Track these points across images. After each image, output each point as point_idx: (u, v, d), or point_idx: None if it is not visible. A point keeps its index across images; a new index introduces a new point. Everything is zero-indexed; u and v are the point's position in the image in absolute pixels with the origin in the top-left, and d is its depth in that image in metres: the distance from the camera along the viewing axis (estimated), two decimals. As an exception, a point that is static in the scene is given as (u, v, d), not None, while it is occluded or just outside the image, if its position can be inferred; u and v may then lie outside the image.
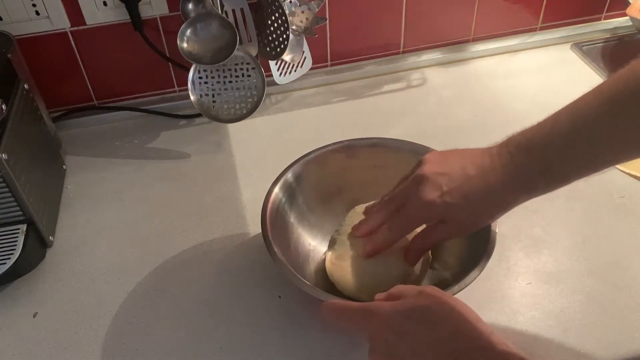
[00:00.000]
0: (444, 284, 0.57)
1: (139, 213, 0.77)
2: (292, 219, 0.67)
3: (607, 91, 0.47)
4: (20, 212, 0.68)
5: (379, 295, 0.50)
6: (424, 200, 0.54)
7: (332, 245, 0.64)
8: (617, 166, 0.79)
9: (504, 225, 0.71)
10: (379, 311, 0.46)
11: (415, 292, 0.47)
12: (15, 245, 0.67)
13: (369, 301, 0.48)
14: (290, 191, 0.67)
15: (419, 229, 0.59)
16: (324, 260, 0.64)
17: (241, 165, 0.84)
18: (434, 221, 0.56)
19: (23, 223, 0.69)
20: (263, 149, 0.86)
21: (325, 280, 0.63)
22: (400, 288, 0.49)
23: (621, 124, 0.46)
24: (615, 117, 0.46)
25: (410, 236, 0.59)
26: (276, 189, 0.65)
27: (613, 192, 0.76)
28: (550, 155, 0.49)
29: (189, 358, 0.60)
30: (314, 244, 0.68)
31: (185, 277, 0.68)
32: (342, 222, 0.65)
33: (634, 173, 0.78)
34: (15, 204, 0.67)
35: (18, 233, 0.68)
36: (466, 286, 0.54)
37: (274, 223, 0.62)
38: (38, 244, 0.70)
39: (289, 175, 0.67)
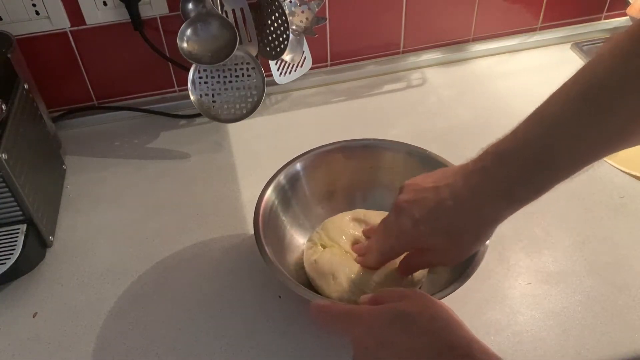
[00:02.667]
0: (439, 286, 0.57)
1: (139, 213, 0.77)
2: (286, 220, 0.67)
3: (572, 89, 0.45)
4: (20, 212, 0.68)
5: (363, 298, 0.50)
6: (400, 231, 0.54)
7: (311, 250, 0.64)
8: (617, 166, 0.79)
9: (504, 226, 0.71)
10: (361, 316, 0.46)
11: (398, 297, 0.46)
12: (15, 245, 0.67)
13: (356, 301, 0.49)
14: (283, 193, 0.67)
15: None
16: None
17: (241, 165, 0.84)
18: (416, 248, 0.55)
19: (23, 223, 0.69)
20: (263, 149, 0.86)
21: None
22: (384, 293, 0.49)
23: (593, 121, 0.43)
24: (585, 114, 0.43)
25: None
26: (269, 191, 0.65)
27: (613, 192, 0.76)
28: (526, 165, 0.46)
29: (189, 358, 0.60)
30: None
31: (185, 277, 0.68)
32: (319, 230, 0.66)
33: (634, 173, 0.78)
34: (15, 204, 0.67)
35: (18, 233, 0.68)
36: (450, 293, 0.54)
37: (267, 225, 0.62)
38: (38, 244, 0.70)
39: (282, 177, 0.67)
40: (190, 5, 0.80)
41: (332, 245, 0.64)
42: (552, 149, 0.45)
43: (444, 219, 0.51)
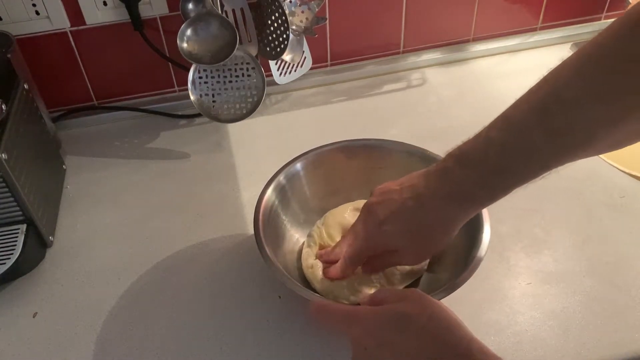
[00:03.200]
0: (438, 286, 0.57)
1: (139, 213, 0.77)
2: (286, 220, 0.67)
3: (534, 98, 0.45)
4: (20, 212, 0.68)
5: (362, 298, 0.51)
6: (365, 232, 0.55)
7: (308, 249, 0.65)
8: (617, 166, 0.79)
9: (504, 226, 0.71)
10: (360, 317, 0.46)
11: (397, 298, 0.47)
12: (15, 245, 0.67)
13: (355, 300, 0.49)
14: (283, 193, 0.67)
15: None
16: None
17: (241, 165, 0.84)
18: (382, 250, 0.56)
19: (23, 223, 0.69)
20: (263, 149, 0.86)
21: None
22: (382, 293, 0.49)
23: (552, 131, 0.43)
24: (545, 124, 0.44)
25: None
26: (269, 191, 0.65)
27: (613, 192, 0.76)
28: (486, 168, 0.47)
29: (189, 358, 0.60)
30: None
31: (185, 276, 0.68)
32: (318, 225, 0.67)
33: (634, 173, 0.78)
34: (15, 204, 0.67)
35: (18, 233, 0.68)
36: (450, 293, 0.54)
37: (267, 224, 0.63)
38: (38, 244, 0.70)
39: (282, 177, 0.67)
40: (190, 5, 0.80)
41: (329, 245, 0.64)
42: (511, 155, 0.46)
43: (406, 219, 0.52)
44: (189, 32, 0.78)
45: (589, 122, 0.42)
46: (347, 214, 0.67)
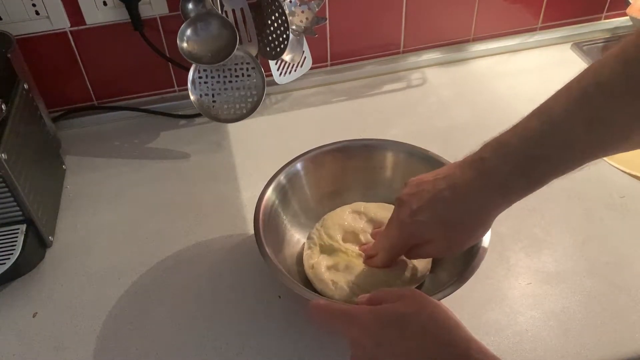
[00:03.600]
0: (438, 286, 0.57)
1: (139, 213, 0.77)
2: (286, 220, 0.67)
3: (575, 88, 0.45)
4: (19, 212, 0.68)
5: (361, 298, 0.51)
6: (397, 222, 0.55)
7: (310, 250, 0.65)
8: (617, 166, 0.79)
9: (504, 226, 0.71)
10: (359, 317, 0.46)
11: (395, 297, 0.47)
12: (15, 245, 0.67)
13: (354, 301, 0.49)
14: (283, 192, 0.67)
15: None
16: None
17: (241, 165, 0.84)
18: (417, 242, 0.56)
19: (23, 223, 0.69)
20: (263, 149, 0.86)
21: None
22: (381, 293, 0.49)
23: (592, 121, 0.44)
24: (585, 114, 0.44)
25: None
26: (269, 191, 0.65)
27: (613, 192, 0.76)
28: (523, 157, 0.47)
29: (189, 358, 0.60)
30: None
31: (185, 277, 0.68)
32: (317, 227, 0.67)
33: (634, 173, 0.78)
34: (15, 204, 0.67)
35: (18, 233, 0.68)
36: (450, 294, 0.54)
37: (268, 224, 0.63)
38: (38, 244, 0.70)
39: (282, 177, 0.67)
40: (190, 5, 0.80)
41: (331, 245, 0.64)
42: (549, 145, 0.45)
43: (440, 210, 0.52)
44: (189, 32, 0.78)
45: (628, 115, 0.42)
46: (346, 215, 0.67)
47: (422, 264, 0.62)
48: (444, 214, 0.52)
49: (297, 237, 0.68)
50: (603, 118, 0.43)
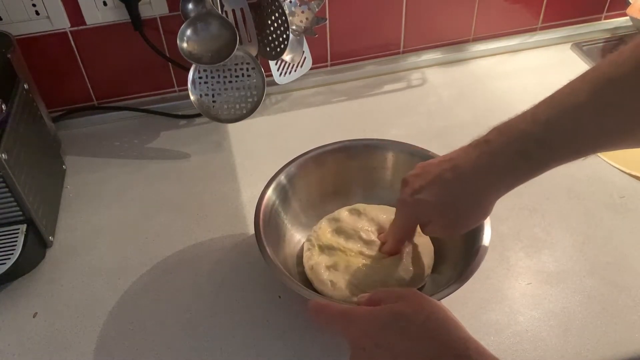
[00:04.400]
0: (438, 286, 0.57)
1: (139, 213, 0.77)
2: (286, 220, 0.67)
3: (589, 77, 0.45)
4: (20, 212, 0.68)
5: (360, 298, 0.51)
6: (400, 201, 0.56)
7: (310, 251, 0.65)
8: (617, 166, 0.79)
9: (504, 225, 0.72)
10: (358, 317, 0.46)
11: (394, 298, 0.47)
12: (15, 245, 0.67)
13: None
14: (283, 192, 0.67)
15: None
16: None
17: (241, 165, 0.84)
18: (418, 221, 0.57)
19: (23, 223, 0.69)
20: (263, 149, 0.86)
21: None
22: (380, 293, 0.49)
23: (600, 113, 0.44)
24: (594, 106, 0.44)
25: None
26: (269, 191, 0.65)
27: (613, 192, 0.76)
28: (529, 139, 0.47)
29: (189, 358, 0.60)
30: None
31: (185, 277, 0.68)
32: (315, 229, 0.67)
33: (634, 173, 0.78)
34: (15, 204, 0.67)
35: (18, 233, 0.68)
36: (450, 293, 0.54)
37: (268, 224, 0.63)
38: (38, 244, 0.70)
39: (282, 177, 0.67)
40: (190, 5, 0.80)
41: (330, 245, 0.64)
42: (556, 130, 0.46)
43: (441, 190, 0.52)
44: (189, 32, 0.78)
45: (637, 108, 0.43)
46: (346, 216, 0.67)
47: (422, 266, 0.62)
48: (445, 195, 0.52)
49: (297, 237, 0.68)
50: (612, 107, 0.43)
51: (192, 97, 0.81)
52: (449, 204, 0.53)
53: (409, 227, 0.58)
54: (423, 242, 0.64)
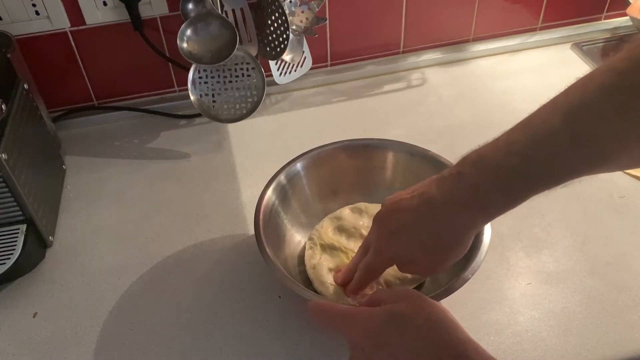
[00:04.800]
0: (438, 286, 0.57)
1: (139, 213, 0.77)
2: (286, 220, 0.67)
3: (562, 103, 0.43)
4: (20, 212, 0.68)
5: (360, 298, 0.50)
6: (377, 245, 0.54)
7: (311, 252, 0.65)
8: (617, 166, 0.79)
9: (504, 225, 0.72)
10: (358, 318, 0.46)
11: (394, 298, 0.46)
12: (15, 245, 0.67)
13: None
14: (283, 192, 0.67)
15: None
16: None
17: (241, 165, 0.84)
18: (397, 263, 0.54)
19: (23, 223, 0.69)
20: (263, 149, 0.86)
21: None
22: (380, 294, 0.49)
23: (575, 142, 0.42)
24: (568, 135, 0.42)
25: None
26: (269, 191, 0.65)
27: (613, 192, 0.76)
28: (506, 172, 0.45)
29: (189, 358, 0.60)
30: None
31: (185, 277, 0.68)
32: (317, 228, 0.67)
33: (634, 173, 0.78)
34: (15, 204, 0.67)
35: (18, 233, 0.68)
36: (450, 294, 0.54)
37: (268, 224, 0.63)
38: (38, 244, 0.70)
39: (282, 177, 0.67)
40: (190, 5, 0.80)
41: (332, 245, 0.64)
42: (532, 160, 0.44)
43: (417, 228, 0.50)
44: (189, 32, 0.78)
45: (613, 134, 0.41)
46: (347, 215, 0.67)
47: None
48: (421, 233, 0.50)
49: (297, 237, 0.68)
50: (588, 135, 0.41)
51: (192, 97, 0.81)
52: (427, 242, 0.50)
53: (381, 268, 0.56)
54: None
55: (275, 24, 0.81)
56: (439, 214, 0.49)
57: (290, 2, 0.84)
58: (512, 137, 0.45)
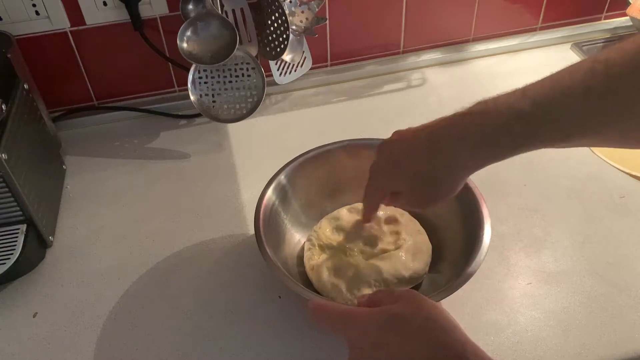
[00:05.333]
0: (438, 286, 0.57)
1: (139, 213, 0.77)
2: (286, 220, 0.67)
3: (584, 66, 0.44)
4: (20, 212, 0.68)
5: (360, 299, 0.51)
6: (376, 170, 0.56)
7: (311, 250, 0.65)
8: (617, 166, 0.79)
9: (504, 225, 0.72)
10: (357, 318, 0.46)
11: (393, 299, 0.47)
12: (15, 245, 0.67)
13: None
14: (283, 192, 0.67)
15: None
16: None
17: (241, 165, 0.84)
18: (391, 189, 0.56)
19: (23, 223, 0.69)
20: (263, 149, 0.86)
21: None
22: (379, 294, 0.49)
23: (591, 88, 0.43)
24: (586, 82, 0.43)
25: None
26: (269, 191, 0.65)
27: (613, 192, 0.76)
28: (513, 115, 0.45)
29: (189, 358, 0.60)
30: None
31: (185, 277, 0.68)
32: (315, 229, 0.67)
33: (634, 173, 0.78)
34: (15, 204, 0.67)
35: (18, 233, 0.68)
36: (450, 294, 0.54)
37: (268, 224, 0.63)
38: (38, 244, 0.70)
39: (282, 177, 0.67)
40: (190, 5, 0.80)
41: (331, 245, 0.64)
42: (544, 106, 0.45)
43: (414, 159, 0.51)
44: (189, 32, 0.78)
45: (630, 92, 0.41)
46: (346, 215, 0.67)
47: (419, 264, 0.62)
48: (418, 165, 0.51)
49: (297, 237, 0.68)
50: (603, 90, 0.42)
51: (192, 97, 0.81)
52: (422, 175, 0.51)
53: (380, 195, 0.58)
54: (421, 240, 0.64)
55: (275, 24, 0.81)
56: (437, 147, 0.49)
57: (290, 2, 0.84)
58: (530, 86, 0.47)
